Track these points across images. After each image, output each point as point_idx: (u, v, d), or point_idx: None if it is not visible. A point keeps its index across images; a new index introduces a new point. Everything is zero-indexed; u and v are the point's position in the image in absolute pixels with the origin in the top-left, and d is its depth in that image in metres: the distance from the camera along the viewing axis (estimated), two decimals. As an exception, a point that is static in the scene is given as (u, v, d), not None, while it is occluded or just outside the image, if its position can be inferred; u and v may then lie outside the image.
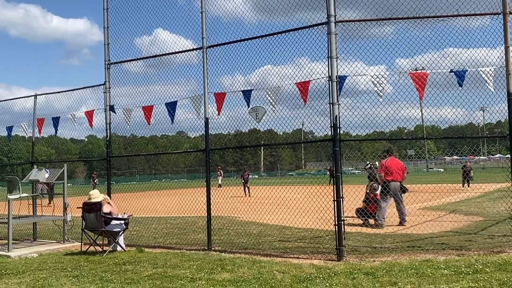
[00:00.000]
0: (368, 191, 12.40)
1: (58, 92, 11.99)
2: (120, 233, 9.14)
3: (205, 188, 9.19)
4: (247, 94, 8.88)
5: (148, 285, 5.86)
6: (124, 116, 10.47)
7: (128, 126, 10.50)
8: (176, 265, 7.22)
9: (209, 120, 9.16)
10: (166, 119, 9.97)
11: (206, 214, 9.10)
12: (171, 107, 9.74)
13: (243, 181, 27.69)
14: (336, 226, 7.53)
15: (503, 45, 7.55)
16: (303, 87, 8.25)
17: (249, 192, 26.55)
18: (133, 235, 10.75)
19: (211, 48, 9.21)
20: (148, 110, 10.10)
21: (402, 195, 11.79)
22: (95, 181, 33.34)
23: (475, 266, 6.21)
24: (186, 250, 8.82)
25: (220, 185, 33.47)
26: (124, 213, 9.72)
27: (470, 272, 5.87)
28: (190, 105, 9.53)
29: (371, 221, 11.68)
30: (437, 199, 17.97)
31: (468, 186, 25.69)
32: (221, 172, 37.89)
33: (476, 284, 5.13)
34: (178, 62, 9.91)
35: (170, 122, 9.85)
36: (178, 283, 5.95)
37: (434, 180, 32.06)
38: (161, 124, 10.32)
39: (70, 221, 10.39)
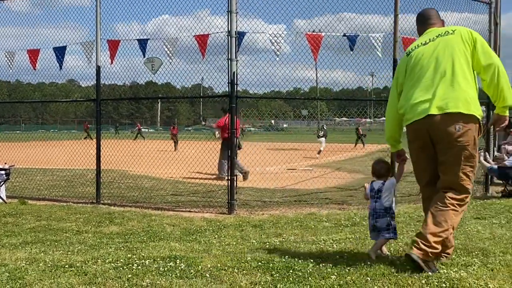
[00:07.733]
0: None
1: None
2: (1, 184, 8.58)
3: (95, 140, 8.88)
4: (143, 43, 8.54)
5: (30, 238, 5.59)
6: (6, 59, 9.64)
7: (11, 71, 9.71)
8: (62, 218, 6.95)
9: (102, 69, 8.71)
10: (54, 65, 9.33)
11: (95, 167, 8.80)
12: (60, 52, 9.11)
13: (171, 136, 27.40)
14: (229, 181, 7.67)
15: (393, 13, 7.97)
16: (202, 40, 8.12)
17: (175, 146, 25.96)
18: (15, 186, 10.12)
19: (105, -10, 8.66)
20: (33, 54, 9.36)
21: (238, 151, 12.12)
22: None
23: (354, 219, 6.69)
24: (73, 203, 8.51)
25: (91, 138, 33.16)
26: (5, 163, 9.09)
27: (349, 225, 6.32)
28: (81, 51, 8.99)
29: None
30: (324, 157, 19.00)
31: (363, 145, 27.82)
32: (87, 126, 40.52)
33: (353, 236, 5.53)
34: (69, 3, 9.26)
35: (58, 68, 9.27)
36: (63, 236, 5.74)
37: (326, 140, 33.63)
38: (49, 70, 9.63)
39: None
